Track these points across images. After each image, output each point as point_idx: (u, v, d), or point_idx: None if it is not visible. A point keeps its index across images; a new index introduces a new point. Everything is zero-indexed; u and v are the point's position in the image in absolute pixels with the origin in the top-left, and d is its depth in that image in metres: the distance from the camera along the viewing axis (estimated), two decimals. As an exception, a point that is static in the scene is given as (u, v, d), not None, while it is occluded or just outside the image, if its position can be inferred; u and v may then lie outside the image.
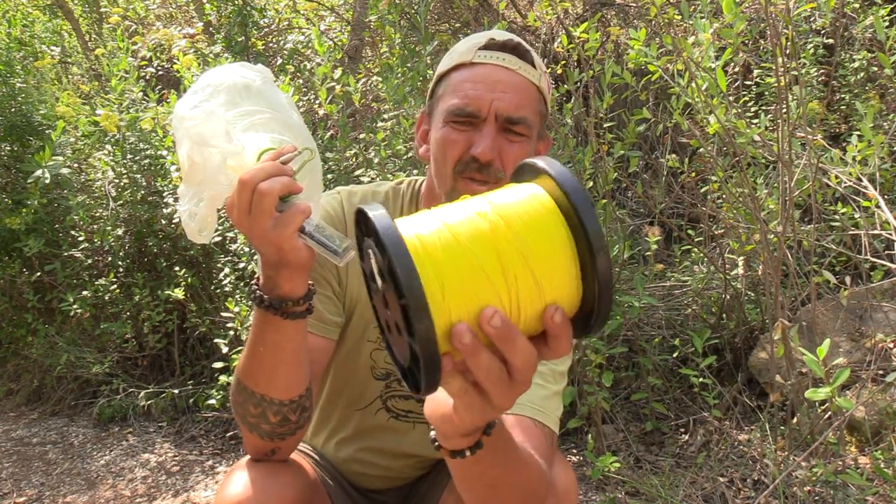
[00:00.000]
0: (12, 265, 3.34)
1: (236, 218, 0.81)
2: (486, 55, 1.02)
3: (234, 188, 0.80)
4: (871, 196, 1.86)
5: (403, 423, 1.21)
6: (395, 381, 1.20)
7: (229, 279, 2.95)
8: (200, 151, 0.76)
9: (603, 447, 2.35)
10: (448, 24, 4.42)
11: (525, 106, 1.02)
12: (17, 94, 3.39)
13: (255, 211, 0.79)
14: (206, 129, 0.77)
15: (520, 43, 1.04)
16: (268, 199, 0.78)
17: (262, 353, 0.92)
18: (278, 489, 1.01)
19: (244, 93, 0.82)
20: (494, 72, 1.02)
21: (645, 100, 2.38)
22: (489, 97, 1.01)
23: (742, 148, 2.11)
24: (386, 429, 1.22)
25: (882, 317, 2.32)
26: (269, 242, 0.81)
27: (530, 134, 1.04)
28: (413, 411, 1.20)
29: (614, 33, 2.28)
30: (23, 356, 3.45)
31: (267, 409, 0.95)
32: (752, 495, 2.06)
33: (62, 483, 2.66)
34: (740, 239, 2.42)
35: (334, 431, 1.29)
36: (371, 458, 1.26)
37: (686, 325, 2.68)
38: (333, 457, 1.30)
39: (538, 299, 0.55)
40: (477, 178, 1.02)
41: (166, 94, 3.48)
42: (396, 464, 1.26)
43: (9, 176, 3.45)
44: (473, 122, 1.02)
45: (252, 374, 0.95)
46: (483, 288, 0.54)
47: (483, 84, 1.01)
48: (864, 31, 3.14)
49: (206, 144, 0.77)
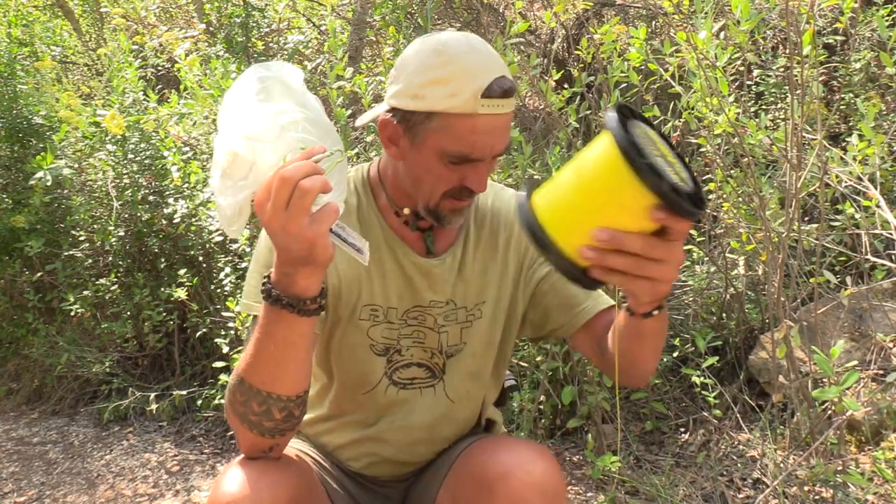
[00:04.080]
0: (13, 265, 3.34)
1: (270, 213, 0.82)
2: (488, 106, 1.06)
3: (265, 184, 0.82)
4: (872, 196, 1.86)
5: (410, 391, 1.24)
6: (395, 353, 1.22)
7: (230, 279, 2.95)
8: (252, 147, 0.77)
9: (603, 447, 2.35)
10: (448, 24, 4.42)
11: (508, 135, 1.12)
12: (19, 96, 3.39)
13: (293, 207, 0.80)
14: (259, 126, 0.78)
15: (511, 85, 1.08)
16: (309, 196, 0.80)
17: (272, 350, 0.93)
18: (273, 487, 1.01)
19: (284, 90, 0.83)
20: (495, 122, 1.08)
21: (648, 100, 2.38)
22: (490, 145, 1.09)
23: (749, 149, 2.11)
24: (395, 403, 1.25)
25: (882, 316, 2.33)
26: (304, 239, 0.82)
27: None
28: (417, 377, 1.24)
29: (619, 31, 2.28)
30: (23, 356, 3.45)
31: (272, 406, 0.97)
32: (752, 495, 2.07)
33: (62, 483, 2.67)
34: (741, 238, 2.42)
35: (343, 423, 1.29)
36: (385, 437, 1.26)
37: (686, 324, 2.69)
38: (339, 450, 1.31)
39: (636, 214, 0.74)
40: (464, 199, 1.14)
41: (166, 94, 3.48)
42: (408, 439, 1.26)
43: (9, 176, 3.45)
44: (471, 162, 1.10)
45: (258, 372, 0.96)
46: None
47: (488, 135, 1.08)
48: (864, 31, 3.14)
49: (260, 141, 0.78)
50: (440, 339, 1.23)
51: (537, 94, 2.73)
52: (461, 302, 1.23)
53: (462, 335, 1.24)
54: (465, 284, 1.23)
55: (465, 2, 4.29)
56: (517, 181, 2.48)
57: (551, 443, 2.49)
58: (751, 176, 2.11)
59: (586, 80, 2.37)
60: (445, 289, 1.22)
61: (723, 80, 2.07)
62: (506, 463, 1.07)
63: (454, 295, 1.23)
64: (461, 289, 1.23)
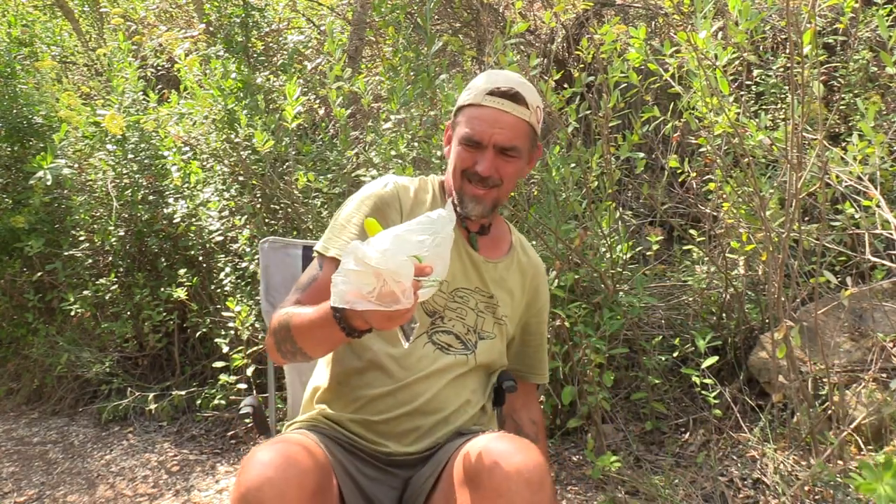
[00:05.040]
0: (13, 265, 3.35)
1: (376, 315, 1.04)
2: (490, 100, 1.39)
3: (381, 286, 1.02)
4: (872, 196, 1.86)
5: (444, 354, 1.43)
6: (438, 318, 1.44)
7: (230, 279, 2.95)
8: (391, 277, 0.98)
9: (603, 447, 2.35)
10: (448, 24, 4.42)
11: (515, 138, 1.39)
12: (19, 96, 3.39)
13: (392, 322, 1.06)
14: (402, 271, 0.99)
15: (518, 92, 1.38)
16: (404, 320, 1.07)
17: (319, 336, 1.21)
18: (301, 476, 1.09)
19: (428, 224, 1.06)
20: (494, 114, 1.38)
21: (647, 100, 2.38)
22: (490, 132, 1.38)
23: (749, 149, 2.11)
24: (430, 360, 1.41)
25: (882, 316, 2.33)
26: (381, 330, 1.09)
27: (520, 155, 1.42)
28: (453, 346, 1.44)
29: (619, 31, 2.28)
30: (23, 356, 3.45)
31: (301, 356, 1.28)
32: (751, 495, 2.07)
33: (63, 482, 2.67)
34: (741, 238, 2.42)
35: (377, 376, 1.38)
36: (416, 389, 1.37)
37: (686, 324, 2.69)
38: (370, 404, 1.38)
39: None
40: (479, 185, 1.41)
41: (166, 94, 3.48)
42: (435, 387, 1.39)
43: (9, 176, 3.45)
44: (479, 147, 1.39)
45: (303, 339, 1.24)
46: None
47: (486, 122, 1.38)
48: (863, 31, 3.14)
49: (396, 277, 1.00)
50: (477, 320, 1.47)
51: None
52: (499, 304, 1.49)
53: (494, 328, 1.49)
54: (504, 293, 1.50)
55: (464, 2, 4.29)
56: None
57: (551, 443, 2.49)
58: (751, 176, 2.11)
59: (586, 81, 2.38)
60: (489, 285, 1.48)
61: (723, 80, 2.07)
62: (491, 455, 1.12)
63: (496, 293, 1.49)
64: (500, 294, 1.50)
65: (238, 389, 2.85)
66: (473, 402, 1.45)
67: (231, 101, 3.07)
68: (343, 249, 1.31)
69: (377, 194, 1.42)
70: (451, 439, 1.36)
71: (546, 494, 1.09)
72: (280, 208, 3.06)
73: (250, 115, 3.01)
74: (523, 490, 1.07)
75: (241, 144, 3.05)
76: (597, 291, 2.50)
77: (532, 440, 1.38)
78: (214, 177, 3.16)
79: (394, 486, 1.36)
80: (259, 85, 3.24)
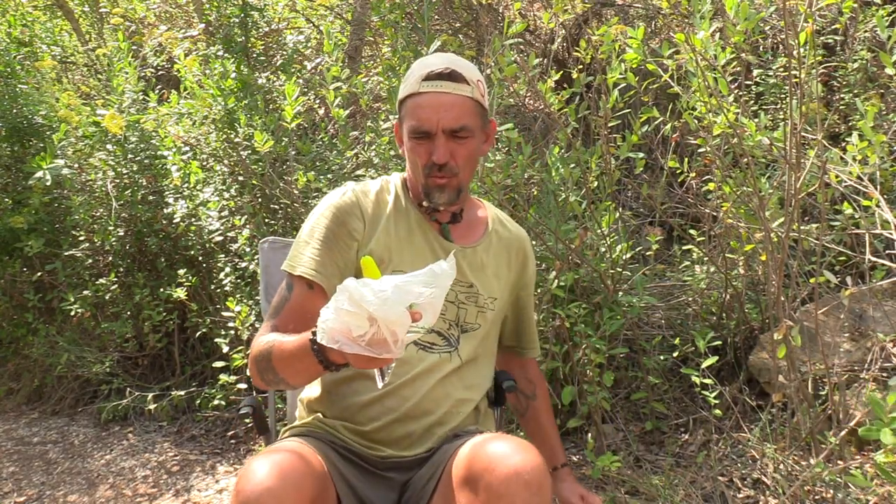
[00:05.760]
0: (13, 265, 3.34)
1: (357, 356, 1.01)
2: (427, 85, 1.35)
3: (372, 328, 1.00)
4: (872, 196, 1.86)
5: (428, 353, 1.41)
6: None
7: (230, 279, 2.95)
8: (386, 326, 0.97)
9: (603, 447, 2.35)
10: (448, 24, 4.42)
11: (463, 116, 1.35)
12: (19, 95, 3.39)
13: (372, 364, 1.03)
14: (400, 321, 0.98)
15: (453, 70, 1.35)
16: (385, 364, 1.04)
17: (299, 369, 1.19)
18: (297, 487, 1.09)
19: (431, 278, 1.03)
20: (435, 98, 1.34)
21: (646, 101, 2.38)
22: (435, 118, 1.34)
23: (749, 149, 2.11)
24: (416, 361, 1.38)
25: (882, 316, 2.33)
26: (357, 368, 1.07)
27: (472, 134, 1.38)
28: (436, 343, 1.41)
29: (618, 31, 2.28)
30: (23, 356, 3.45)
31: (284, 384, 1.27)
32: (751, 495, 2.07)
33: (63, 482, 2.67)
34: (741, 238, 2.42)
35: (366, 383, 1.36)
36: (404, 393, 1.36)
37: (686, 324, 2.69)
38: (361, 411, 1.37)
39: None
40: (438, 175, 1.37)
41: (166, 94, 3.48)
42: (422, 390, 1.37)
43: (9, 176, 3.45)
44: (429, 137, 1.35)
45: (283, 369, 1.22)
46: None
47: (430, 109, 1.34)
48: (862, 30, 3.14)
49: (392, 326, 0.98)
50: (458, 313, 1.44)
51: (536, 95, 2.73)
52: (481, 290, 1.46)
53: (478, 318, 1.46)
54: (485, 278, 1.47)
55: (464, 2, 4.29)
56: (517, 181, 2.48)
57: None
58: (750, 176, 2.11)
59: (585, 81, 2.38)
60: (466, 273, 1.45)
61: (722, 80, 2.07)
62: (489, 456, 1.12)
63: (476, 281, 1.45)
64: (481, 279, 1.46)
65: (238, 389, 2.85)
66: (466, 400, 1.43)
67: (230, 101, 3.07)
68: (309, 266, 1.34)
69: (335, 205, 1.40)
70: (447, 441, 1.35)
71: (545, 496, 1.09)
72: (280, 208, 3.06)
73: (250, 115, 3.01)
74: (522, 491, 1.07)
75: (241, 144, 3.05)
76: (597, 291, 2.50)
77: (529, 397, 1.37)
78: (214, 177, 3.16)
79: (391, 489, 1.35)
80: (259, 85, 3.24)
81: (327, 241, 1.36)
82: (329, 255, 1.36)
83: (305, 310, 1.30)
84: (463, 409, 1.41)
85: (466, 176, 1.41)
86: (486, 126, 1.44)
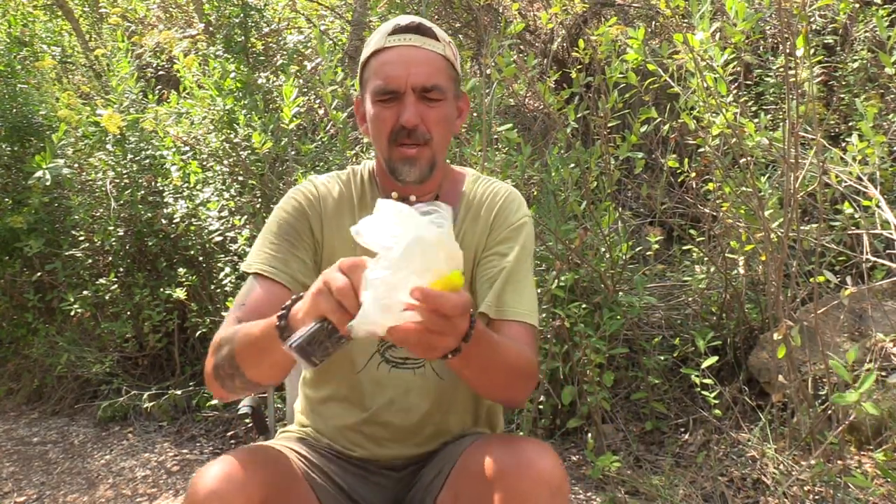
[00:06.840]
0: (13, 265, 3.34)
1: (315, 297, 0.91)
2: (394, 39, 1.20)
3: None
4: (872, 196, 1.86)
5: (404, 370, 1.29)
6: None
7: (230, 279, 2.95)
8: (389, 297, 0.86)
9: (603, 447, 2.35)
10: (448, 25, 4.42)
11: (435, 74, 1.20)
12: (18, 95, 3.39)
13: (328, 308, 0.90)
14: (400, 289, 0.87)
15: (421, 23, 1.21)
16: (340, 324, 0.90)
17: (266, 363, 1.07)
18: (244, 486, 1.06)
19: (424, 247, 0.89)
20: (404, 52, 1.20)
21: (647, 101, 2.38)
22: (405, 74, 1.18)
23: (748, 149, 2.11)
24: (390, 383, 1.29)
25: (882, 316, 2.33)
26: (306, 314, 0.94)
27: (445, 97, 1.22)
28: (409, 358, 1.29)
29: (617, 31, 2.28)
30: (23, 356, 3.45)
31: (250, 387, 1.14)
32: (751, 495, 2.07)
33: (62, 482, 2.67)
34: (741, 238, 2.42)
35: (342, 407, 1.32)
36: (385, 419, 1.30)
37: (686, 324, 2.69)
38: (340, 436, 1.33)
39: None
40: (407, 142, 1.20)
41: (166, 94, 3.48)
42: (408, 422, 1.30)
43: (9, 176, 3.45)
44: (396, 97, 1.19)
45: (248, 365, 1.10)
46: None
47: (397, 64, 1.19)
48: (864, 31, 3.14)
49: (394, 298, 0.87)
50: None
51: (536, 95, 2.73)
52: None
53: None
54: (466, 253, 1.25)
55: (464, 2, 4.29)
56: (516, 181, 2.48)
57: (551, 443, 2.49)
58: (750, 176, 2.11)
59: (584, 81, 2.37)
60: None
61: (721, 80, 2.07)
62: (512, 459, 1.07)
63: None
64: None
65: (238, 389, 2.85)
66: (455, 414, 1.34)
67: (230, 102, 3.07)
68: (267, 263, 1.24)
69: (290, 204, 1.30)
70: (451, 441, 1.32)
71: (564, 499, 1.07)
72: (280, 208, 3.05)
73: (249, 115, 3.01)
74: (546, 496, 1.05)
75: (241, 144, 3.05)
76: (597, 291, 2.50)
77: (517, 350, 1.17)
78: (214, 177, 3.16)
79: (386, 486, 1.33)
80: (259, 85, 3.24)
81: (284, 237, 1.26)
82: (287, 250, 1.26)
83: (264, 306, 1.19)
84: (453, 422, 1.33)
85: (440, 147, 1.23)
86: (459, 97, 1.29)
